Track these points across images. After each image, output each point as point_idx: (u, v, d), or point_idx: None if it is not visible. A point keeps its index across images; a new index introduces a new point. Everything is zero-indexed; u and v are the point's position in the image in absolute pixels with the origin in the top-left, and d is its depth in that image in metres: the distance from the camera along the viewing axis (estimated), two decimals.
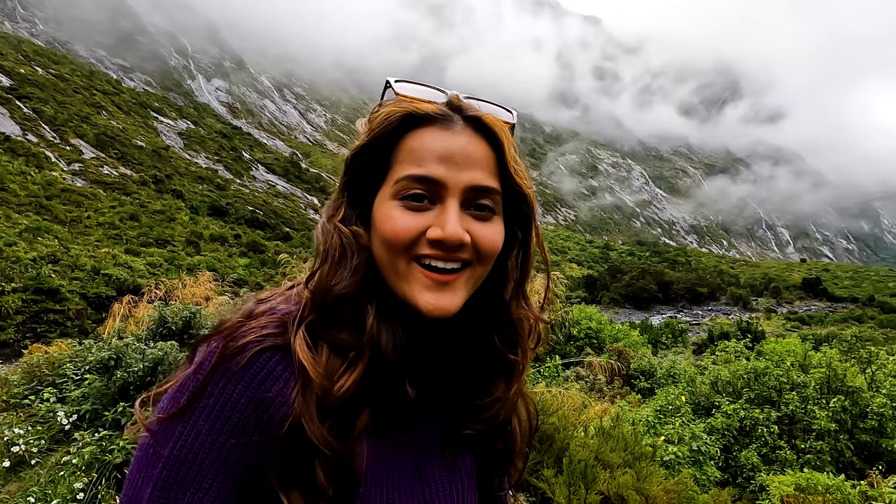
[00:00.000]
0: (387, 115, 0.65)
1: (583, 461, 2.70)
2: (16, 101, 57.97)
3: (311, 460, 0.58)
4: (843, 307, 68.14)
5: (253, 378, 0.59)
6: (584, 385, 10.05)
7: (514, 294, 0.71)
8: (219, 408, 0.58)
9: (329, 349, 0.61)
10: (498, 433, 0.72)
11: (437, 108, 0.65)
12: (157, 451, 0.59)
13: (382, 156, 0.65)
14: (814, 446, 6.02)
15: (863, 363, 7.71)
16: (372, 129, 0.65)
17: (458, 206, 0.63)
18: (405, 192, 0.62)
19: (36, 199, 36.02)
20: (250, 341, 0.60)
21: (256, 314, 0.63)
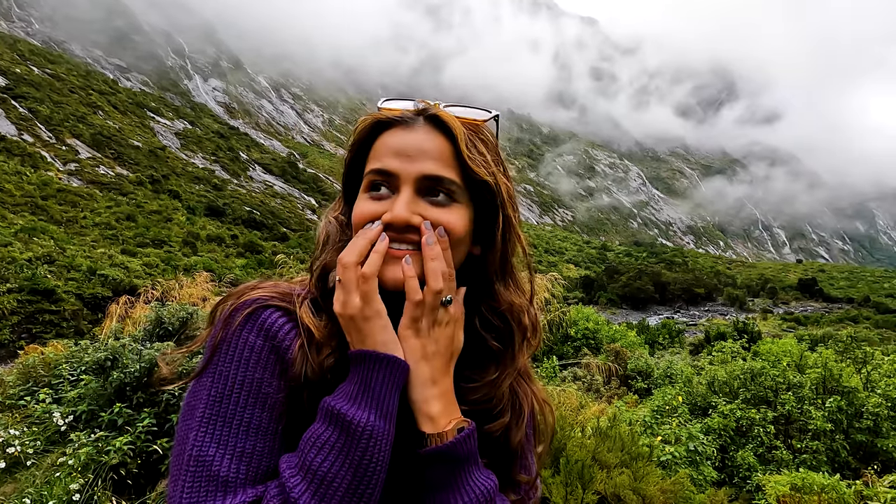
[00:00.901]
0: (360, 122, 0.77)
1: (580, 461, 2.70)
2: (11, 100, 57.69)
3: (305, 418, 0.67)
4: (838, 308, 68.44)
5: (262, 325, 0.68)
6: (581, 385, 10.06)
7: (495, 280, 0.76)
8: (238, 350, 0.67)
9: (328, 317, 0.71)
10: (490, 418, 0.75)
11: (400, 112, 0.74)
12: (196, 400, 0.67)
13: (362, 157, 0.76)
14: (810, 446, 6.05)
15: (858, 363, 7.75)
16: (352, 136, 0.78)
17: (412, 194, 0.70)
18: (369, 186, 0.73)
19: (31, 199, 35.87)
20: (257, 299, 0.71)
21: (261, 286, 0.74)
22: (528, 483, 0.80)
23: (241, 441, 0.64)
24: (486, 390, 0.74)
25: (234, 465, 0.63)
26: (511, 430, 0.76)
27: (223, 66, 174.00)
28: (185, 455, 0.64)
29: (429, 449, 0.66)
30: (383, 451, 0.63)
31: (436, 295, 0.67)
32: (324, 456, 0.62)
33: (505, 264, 0.76)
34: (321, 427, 0.63)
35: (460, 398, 0.71)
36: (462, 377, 0.73)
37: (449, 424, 0.67)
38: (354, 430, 0.62)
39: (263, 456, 0.65)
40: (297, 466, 0.62)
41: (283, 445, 0.67)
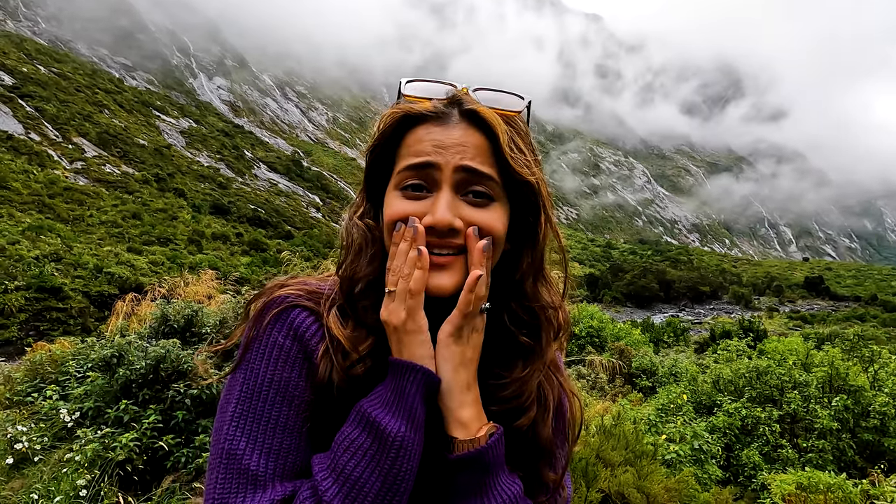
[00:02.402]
0: (387, 117, 0.72)
1: (584, 459, 2.70)
2: (18, 99, 58.08)
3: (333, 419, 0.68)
4: (845, 306, 67.98)
5: (290, 325, 0.69)
6: (585, 384, 10.05)
7: (529, 279, 0.75)
8: (268, 350, 0.69)
9: (354, 324, 0.70)
10: (519, 414, 0.74)
11: (431, 106, 0.71)
12: (230, 395, 0.69)
13: (389, 154, 0.72)
14: (815, 445, 6.01)
15: (865, 362, 7.70)
16: (378, 130, 0.72)
17: (451, 191, 0.68)
18: (404, 182, 0.69)
19: (38, 197, 36.12)
20: (286, 297, 0.72)
21: (290, 283, 0.75)
22: (555, 482, 0.77)
23: (270, 437, 0.66)
24: (515, 387, 0.73)
25: (262, 460, 0.65)
26: (538, 424, 0.74)
27: (228, 65, 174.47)
28: (218, 448, 0.66)
29: (461, 454, 0.66)
30: (413, 462, 0.64)
31: (479, 302, 0.67)
32: (357, 461, 0.62)
33: (542, 263, 0.76)
34: (355, 430, 0.64)
35: (489, 397, 0.71)
36: (491, 374, 0.73)
37: (481, 430, 0.67)
38: (386, 439, 0.62)
39: (290, 453, 0.67)
40: (329, 468, 0.63)
41: (309, 445, 0.68)
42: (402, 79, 0.74)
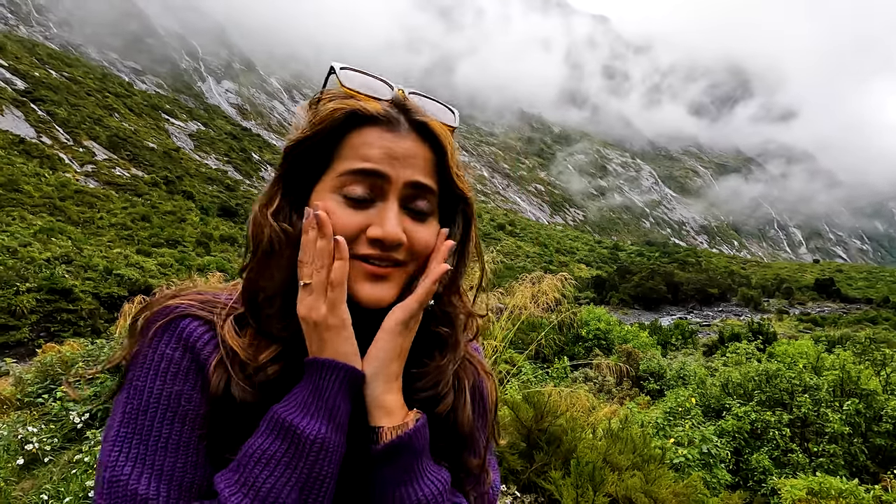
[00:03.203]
0: (332, 110, 0.65)
1: (590, 463, 2.68)
2: (30, 103, 58.86)
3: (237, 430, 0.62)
4: (856, 308, 67.19)
5: (180, 335, 0.63)
6: (592, 386, 9.99)
7: (447, 290, 0.73)
8: (154, 363, 0.62)
9: (254, 332, 0.65)
10: (437, 402, 0.72)
11: (382, 109, 0.67)
12: (112, 420, 0.62)
13: (324, 149, 0.66)
14: (827, 449, 5.94)
15: (877, 366, 7.60)
16: (315, 122, 0.66)
17: (398, 204, 0.65)
18: (347, 186, 0.64)
19: (50, 200, 36.55)
20: (175, 307, 0.65)
21: (180, 294, 0.68)
22: (479, 466, 0.76)
23: (161, 458, 0.60)
24: (432, 376, 0.72)
25: (153, 483, 0.59)
26: (458, 410, 0.74)
27: (236, 68, 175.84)
28: (100, 478, 0.60)
29: (390, 441, 0.63)
30: (333, 465, 0.60)
31: (430, 297, 0.67)
32: (269, 471, 0.58)
33: (460, 274, 0.75)
34: (266, 440, 0.59)
35: (407, 388, 0.70)
36: (410, 365, 0.71)
37: (407, 416, 0.65)
38: (303, 443, 0.59)
39: (186, 472, 0.61)
40: (237, 483, 0.58)
41: (209, 463, 0.62)
42: (335, 63, 0.70)
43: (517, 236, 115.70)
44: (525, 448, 3.32)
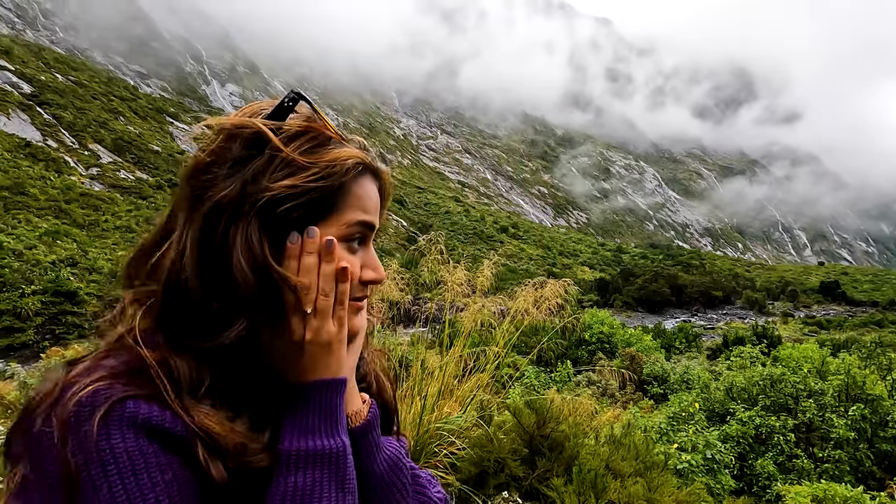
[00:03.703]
0: (345, 160, 0.66)
1: (593, 470, 2.68)
2: (37, 107, 59.31)
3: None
4: (862, 311, 66.74)
5: (134, 420, 0.53)
6: (595, 390, 9.96)
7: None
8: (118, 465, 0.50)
9: (218, 402, 0.60)
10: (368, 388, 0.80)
11: (372, 161, 0.70)
12: None
13: (329, 195, 0.65)
14: (832, 455, 5.90)
15: (883, 370, 7.54)
16: (330, 166, 0.65)
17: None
18: (351, 236, 0.67)
19: (55, 203, 36.78)
20: (98, 391, 0.53)
21: (79, 373, 0.56)
22: (398, 432, 0.84)
23: None
24: (363, 369, 0.80)
25: None
26: (383, 392, 0.81)
27: (240, 72, 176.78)
28: None
29: (367, 419, 0.71)
30: (352, 465, 0.64)
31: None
32: (317, 499, 0.59)
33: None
34: (298, 477, 0.59)
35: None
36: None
37: (363, 401, 0.73)
38: (334, 459, 0.61)
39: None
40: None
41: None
42: (301, 92, 0.68)
43: (520, 239, 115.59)
44: (527, 454, 3.31)
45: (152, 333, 0.60)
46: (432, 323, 4.41)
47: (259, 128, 0.63)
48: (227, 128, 0.64)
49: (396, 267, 3.68)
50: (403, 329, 4.97)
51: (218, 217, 0.60)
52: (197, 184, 0.62)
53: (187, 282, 0.59)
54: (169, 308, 0.60)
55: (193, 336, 0.59)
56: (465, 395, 3.70)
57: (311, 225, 0.64)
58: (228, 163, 0.62)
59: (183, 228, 0.62)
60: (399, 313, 3.97)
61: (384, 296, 3.88)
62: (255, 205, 0.61)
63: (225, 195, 0.60)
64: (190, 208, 0.62)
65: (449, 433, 3.30)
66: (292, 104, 0.66)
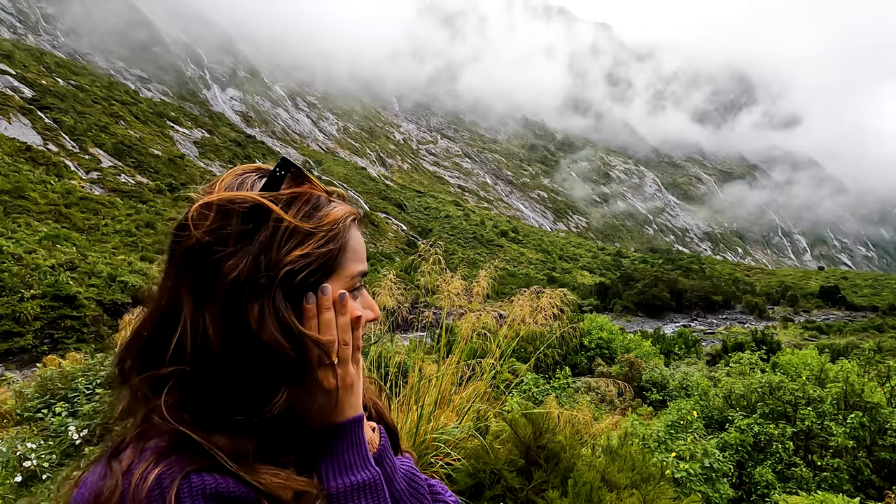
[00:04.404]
0: (344, 219, 0.70)
1: (588, 483, 2.67)
2: (37, 111, 59.43)
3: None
4: (862, 316, 66.64)
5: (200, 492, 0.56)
6: (594, 396, 9.94)
7: None
8: None
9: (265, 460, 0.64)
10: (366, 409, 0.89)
11: (359, 212, 0.75)
12: None
13: (336, 255, 0.69)
14: (831, 464, 5.88)
15: (882, 378, 7.52)
16: (332, 228, 0.68)
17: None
18: (354, 286, 0.71)
19: (55, 207, 36.79)
20: (161, 475, 0.56)
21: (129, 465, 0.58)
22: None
23: None
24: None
25: None
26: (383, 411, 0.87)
27: (240, 76, 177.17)
28: None
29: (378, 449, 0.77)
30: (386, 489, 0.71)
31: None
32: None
33: None
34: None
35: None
36: None
37: (372, 429, 0.79)
38: (373, 488, 0.67)
39: None
40: None
41: None
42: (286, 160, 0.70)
43: (520, 243, 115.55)
44: (524, 465, 3.30)
45: (178, 411, 0.60)
46: (431, 328, 4.41)
47: (258, 200, 0.63)
48: (219, 204, 0.63)
49: (393, 277, 3.69)
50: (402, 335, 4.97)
51: (237, 295, 0.61)
52: (201, 266, 0.62)
53: (217, 361, 0.60)
54: (199, 388, 0.61)
55: (230, 411, 0.60)
56: (462, 404, 3.69)
57: (320, 284, 0.67)
58: (231, 239, 0.61)
59: (196, 311, 0.61)
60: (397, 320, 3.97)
61: (381, 304, 3.88)
62: (276, 278, 0.62)
63: (240, 273, 0.60)
64: (201, 291, 0.61)
65: (445, 444, 3.30)
66: (284, 173, 0.67)
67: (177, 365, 0.62)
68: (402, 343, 4.60)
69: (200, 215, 0.63)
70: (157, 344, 0.64)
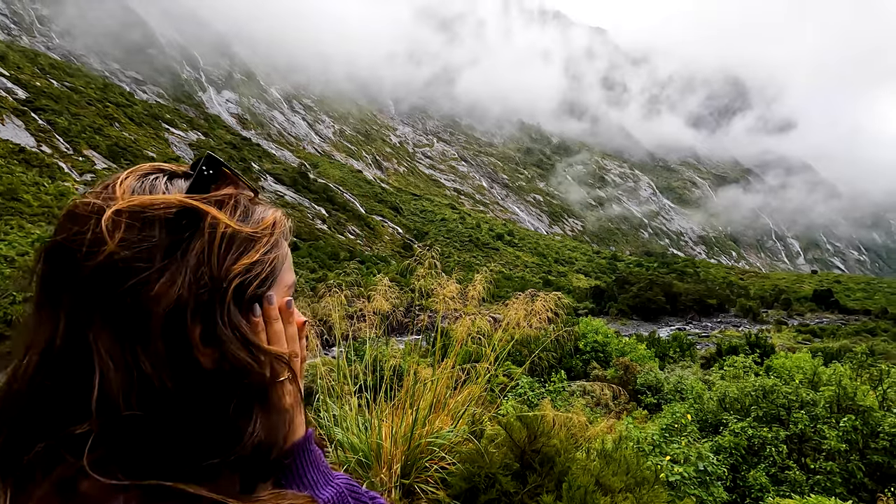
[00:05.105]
0: (281, 223, 0.63)
1: (582, 487, 2.67)
2: (31, 113, 59.12)
3: None
4: (855, 320, 67.12)
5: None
6: (590, 400, 9.95)
7: None
8: None
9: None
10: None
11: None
12: None
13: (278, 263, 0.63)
14: (824, 467, 5.91)
15: (874, 381, 7.58)
16: (273, 237, 0.61)
17: None
18: (289, 296, 0.65)
19: (49, 209, 36.55)
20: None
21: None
22: None
23: None
24: None
25: None
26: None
27: (236, 79, 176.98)
28: None
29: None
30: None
31: None
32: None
33: None
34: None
35: None
36: None
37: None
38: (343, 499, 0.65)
39: None
40: None
41: None
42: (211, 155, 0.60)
43: (516, 246, 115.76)
44: (518, 469, 3.30)
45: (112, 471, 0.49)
46: (426, 332, 4.41)
47: (189, 203, 0.54)
48: (134, 211, 0.52)
49: (387, 281, 3.69)
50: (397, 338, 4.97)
51: (180, 320, 0.51)
52: (120, 290, 0.50)
53: (167, 402, 0.50)
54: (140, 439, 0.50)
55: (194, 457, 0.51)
56: (457, 408, 3.69)
57: (265, 294, 0.60)
58: (158, 253, 0.51)
59: (119, 347, 0.50)
60: (392, 324, 3.97)
61: (377, 307, 3.88)
62: (226, 292, 0.54)
63: (180, 293, 0.51)
64: (124, 322, 0.50)
65: (440, 448, 3.30)
66: (213, 171, 0.59)
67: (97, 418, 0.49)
68: (398, 346, 4.61)
69: (115, 225, 0.51)
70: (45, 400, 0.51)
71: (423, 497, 3.09)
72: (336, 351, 3.83)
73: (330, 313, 3.84)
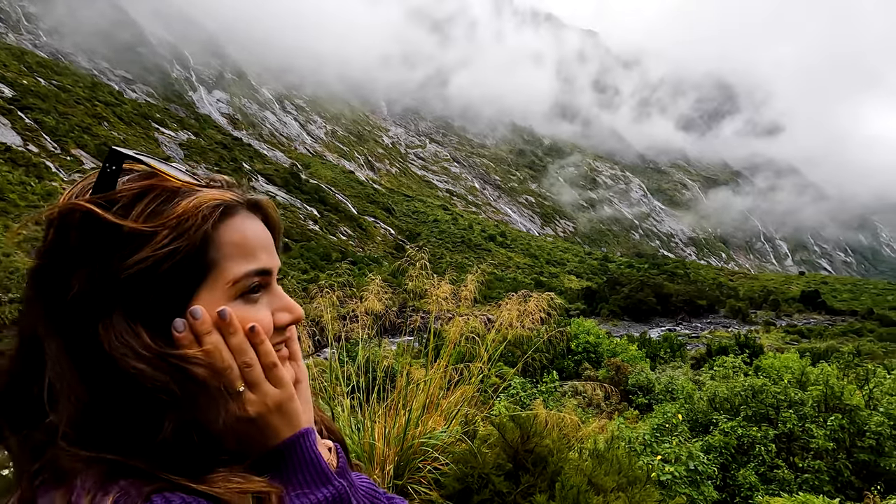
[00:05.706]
0: (198, 207, 0.56)
1: (575, 486, 2.69)
2: (17, 111, 58.32)
3: None
4: (842, 320, 68.03)
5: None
6: (581, 400, 10.00)
7: None
8: None
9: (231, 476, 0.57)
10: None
11: (234, 195, 0.62)
12: None
13: (196, 255, 0.56)
14: (812, 465, 5.98)
15: (860, 380, 7.69)
16: (177, 228, 0.55)
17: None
18: (244, 290, 0.59)
19: (36, 209, 36.07)
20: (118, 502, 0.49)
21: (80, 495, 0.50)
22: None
23: None
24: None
25: None
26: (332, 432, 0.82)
27: (227, 78, 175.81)
28: None
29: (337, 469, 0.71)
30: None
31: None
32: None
33: None
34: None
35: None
36: None
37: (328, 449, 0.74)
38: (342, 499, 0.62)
39: None
40: None
41: None
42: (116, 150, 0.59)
43: (508, 247, 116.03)
44: (511, 469, 3.31)
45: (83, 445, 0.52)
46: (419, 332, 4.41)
47: (83, 206, 0.53)
48: (51, 217, 0.55)
49: (380, 281, 3.68)
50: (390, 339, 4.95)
51: (81, 320, 0.52)
52: (44, 294, 0.53)
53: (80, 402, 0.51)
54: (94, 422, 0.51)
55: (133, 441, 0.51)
56: (450, 408, 3.69)
57: (188, 294, 0.56)
58: (72, 256, 0.53)
59: (51, 341, 0.53)
60: (385, 325, 3.96)
61: (369, 308, 3.87)
62: (114, 293, 0.52)
63: (75, 293, 0.52)
64: (48, 324, 0.53)
65: (433, 449, 3.29)
66: (116, 167, 0.57)
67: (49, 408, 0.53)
68: (390, 347, 4.60)
69: (46, 228, 0.55)
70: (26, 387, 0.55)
71: (417, 498, 3.09)
72: (328, 352, 3.82)
73: (322, 314, 3.82)
